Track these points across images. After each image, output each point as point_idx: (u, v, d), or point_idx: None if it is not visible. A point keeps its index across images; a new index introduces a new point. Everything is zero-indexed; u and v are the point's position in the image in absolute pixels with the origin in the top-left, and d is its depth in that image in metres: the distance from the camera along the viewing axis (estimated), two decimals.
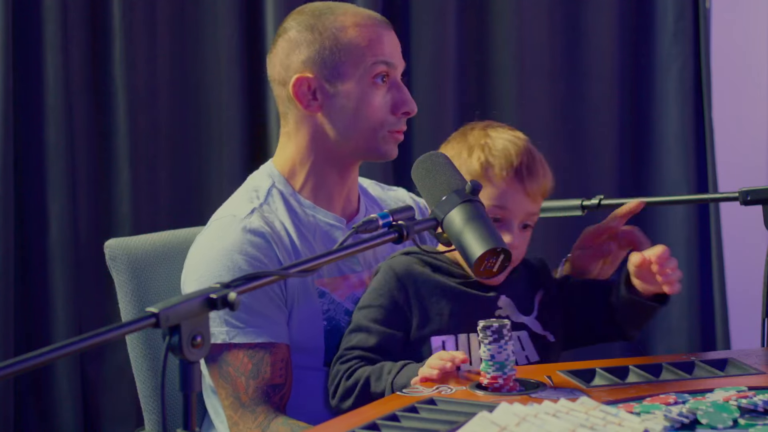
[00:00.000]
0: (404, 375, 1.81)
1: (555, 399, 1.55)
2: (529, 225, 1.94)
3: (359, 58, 1.99)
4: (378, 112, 2.01)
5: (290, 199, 2.04)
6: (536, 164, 1.93)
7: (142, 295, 2.13)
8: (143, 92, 3.06)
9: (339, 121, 2.01)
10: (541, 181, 1.93)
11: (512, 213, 1.90)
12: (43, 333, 2.99)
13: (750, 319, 2.73)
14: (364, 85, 2.00)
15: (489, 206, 1.87)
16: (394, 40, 2.05)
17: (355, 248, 1.60)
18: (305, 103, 2.01)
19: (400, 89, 2.04)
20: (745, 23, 3.66)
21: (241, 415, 1.92)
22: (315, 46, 2.00)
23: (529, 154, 1.93)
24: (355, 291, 2.05)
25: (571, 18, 3.44)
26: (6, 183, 2.91)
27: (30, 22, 2.95)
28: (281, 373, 1.94)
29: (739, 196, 2.13)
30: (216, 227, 2.01)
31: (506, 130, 1.97)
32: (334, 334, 2.00)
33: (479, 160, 1.91)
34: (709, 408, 1.54)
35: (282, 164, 2.08)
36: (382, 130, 2.02)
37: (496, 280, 1.94)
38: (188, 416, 1.32)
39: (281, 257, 1.97)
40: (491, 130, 1.97)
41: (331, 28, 2.00)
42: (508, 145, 1.92)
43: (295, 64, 2.01)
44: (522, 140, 1.95)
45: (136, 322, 1.29)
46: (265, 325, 1.94)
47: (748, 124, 3.66)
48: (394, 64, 2.03)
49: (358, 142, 2.02)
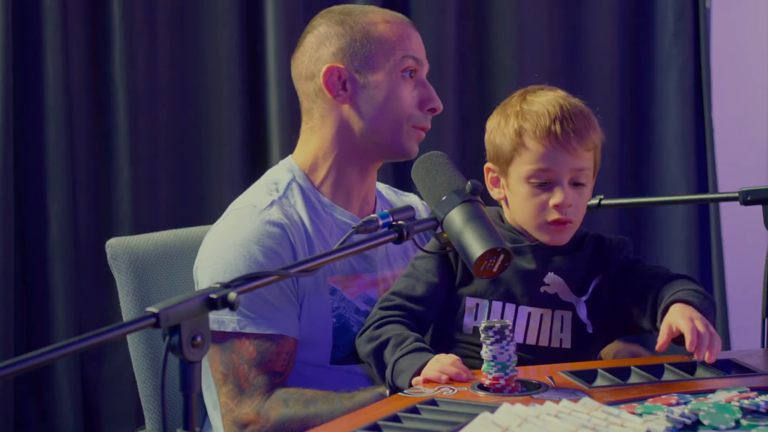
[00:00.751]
0: (407, 361, 1.81)
1: (557, 400, 1.55)
2: (581, 183, 1.91)
3: (389, 51, 2.04)
4: (406, 105, 2.05)
5: (309, 195, 2.06)
6: (576, 119, 1.90)
7: (144, 294, 2.13)
8: (143, 92, 3.05)
9: (367, 112, 2.04)
10: (583, 135, 1.89)
11: (556, 173, 1.89)
12: (43, 333, 2.99)
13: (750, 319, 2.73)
14: (394, 77, 2.05)
15: (533, 170, 1.89)
16: (420, 40, 2.11)
17: (355, 248, 1.60)
18: (335, 92, 2.05)
19: (427, 86, 2.09)
20: (745, 23, 3.66)
21: (239, 402, 1.94)
22: (346, 38, 2.04)
23: (567, 111, 1.90)
24: (367, 290, 2.06)
25: (571, 18, 3.44)
26: (6, 183, 2.90)
27: (30, 22, 2.95)
28: (283, 363, 1.96)
29: (739, 196, 2.13)
30: (234, 216, 2.02)
31: (546, 92, 1.95)
32: (343, 332, 2.01)
33: (513, 127, 1.92)
34: (711, 409, 1.53)
35: (303, 159, 2.10)
36: (407, 124, 2.06)
37: (560, 240, 1.93)
38: (188, 416, 1.32)
39: (298, 249, 1.98)
40: (530, 94, 1.96)
41: (362, 22, 2.05)
42: (542, 107, 1.91)
43: (326, 55, 2.05)
44: (560, 98, 1.93)
45: (136, 322, 1.29)
46: (276, 317, 1.94)
47: (748, 124, 3.66)
48: (422, 61, 2.08)
49: (383, 135, 2.05)
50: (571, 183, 1.90)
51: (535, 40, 3.39)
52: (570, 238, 1.95)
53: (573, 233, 1.95)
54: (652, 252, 3.50)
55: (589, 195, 1.96)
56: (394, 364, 1.82)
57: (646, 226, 3.53)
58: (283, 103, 3.09)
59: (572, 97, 1.95)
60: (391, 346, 1.86)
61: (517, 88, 3.30)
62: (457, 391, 1.71)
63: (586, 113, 1.93)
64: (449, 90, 3.29)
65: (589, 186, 1.94)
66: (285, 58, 3.08)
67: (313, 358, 2.00)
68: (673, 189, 3.45)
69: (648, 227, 3.53)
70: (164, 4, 3.08)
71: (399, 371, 1.81)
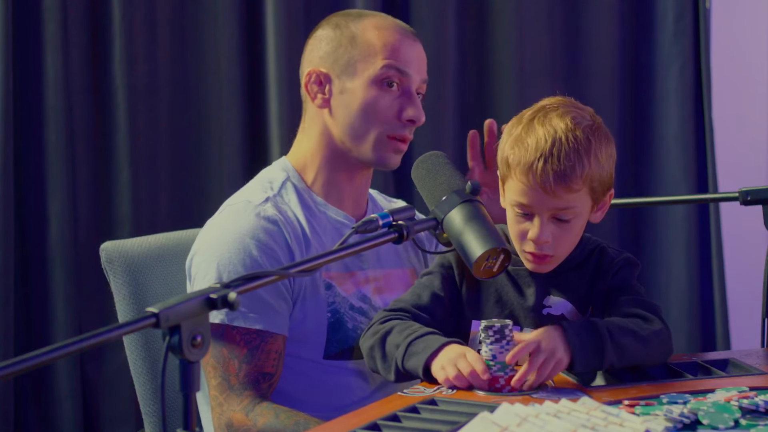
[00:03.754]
0: (423, 344, 1.79)
1: (556, 399, 1.55)
2: (566, 219, 1.82)
3: (371, 58, 2.01)
4: (381, 114, 2.02)
5: (303, 193, 2.07)
6: (566, 159, 1.78)
7: (139, 297, 2.13)
8: (143, 92, 3.05)
9: (342, 118, 2.03)
10: (567, 177, 1.78)
11: (534, 209, 1.82)
12: (43, 333, 2.99)
13: (750, 319, 2.73)
14: (371, 85, 2.01)
15: (514, 201, 1.82)
16: (415, 51, 2.05)
17: (355, 248, 1.60)
18: (313, 96, 2.05)
19: (410, 97, 2.04)
20: (745, 23, 3.66)
21: (227, 397, 1.93)
22: (333, 43, 2.04)
23: (558, 149, 1.79)
24: (361, 288, 2.06)
25: (571, 18, 3.44)
26: (6, 183, 2.90)
27: (30, 22, 2.95)
28: (273, 363, 1.95)
29: (739, 196, 2.13)
30: (230, 212, 2.02)
31: (553, 119, 1.83)
32: (337, 328, 2.01)
33: (503, 152, 1.85)
34: (711, 408, 1.54)
35: (296, 159, 2.10)
36: (382, 133, 2.02)
37: (541, 270, 1.87)
38: (188, 416, 1.32)
39: (293, 246, 1.98)
40: (539, 117, 1.84)
41: (353, 27, 2.04)
42: (536, 140, 1.80)
43: (314, 59, 2.06)
44: (561, 131, 1.81)
45: (136, 322, 1.29)
46: (267, 313, 1.94)
47: (748, 124, 3.66)
48: (408, 73, 2.03)
49: (357, 143, 2.03)
50: (551, 218, 1.83)
51: (535, 40, 3.39)
52: (553, 268, 1.88)
53: (556, 264, 1.87)
54: (652, 252, 3.50)
55: (579, 228, 1.85)
56: (407, 346, 1.79)
57: (646, 226, 3.53)
58: (283, 103, 3.09)
59: (579, 128, 1.82)
60: (397, 331, 1.84)
61: (517, 88, 3.36)
62: (457, 391, 1.71)
63: (582, 151, 1.80)
64: (449, 90, 3.29)
65: (578, 220, 1.84)
66: (285, 58, 3.09)
67: (306, 353, 2.01)
68: (673, 189, 3.45)
69: (648, 227, 3.53)
70: (164, 4, 3.08)
71: (413, 353, 1.78)
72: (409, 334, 1.82)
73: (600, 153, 1.83)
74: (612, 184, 1.89)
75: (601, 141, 1.84)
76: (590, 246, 1.92)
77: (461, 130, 3.31)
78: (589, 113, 1.88)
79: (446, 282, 1.94)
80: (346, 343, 2.01)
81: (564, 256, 1.87)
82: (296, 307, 1.99)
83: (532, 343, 1.70)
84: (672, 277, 3.46)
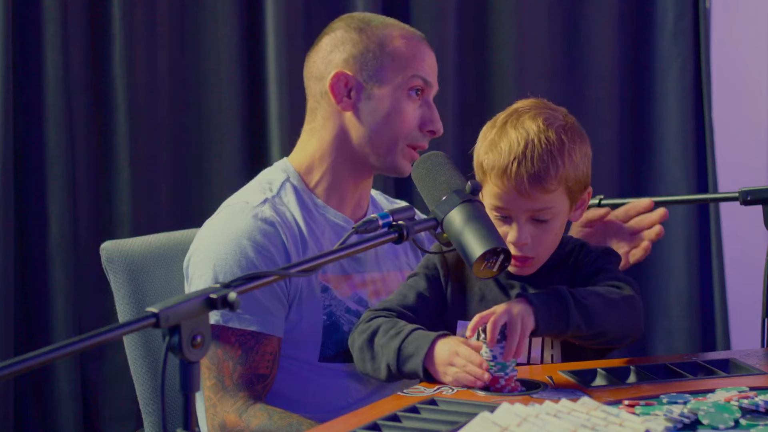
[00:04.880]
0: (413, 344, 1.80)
1: (556, 399, 1.55)
2: (543, 220, 1.85)
3: (401, 68, 2.04)
4: (407, 122, 2.05)
5: (303, 195, 2.07)
6: (540, 161, 1.82)
7: (139, 297, 2.13)
8: (143, 92, 3.05)
9: (367, 123, 2.05)
10: (542, 179, 1.82)
11: (511, 212, 1.86)
12: (43, 333, 2.99)
13: (750, 319, 2.73)
14: (400, 93, 2.04)
15: (492, 204, 1.86)
16: (433, 61, 2.10)
17: (355, 248, 1.60)
18: (339, 98, 2.05)
19: (432, 108, 2.08)
20: (745, 23, 3.66)
21: (221, 397, 1.94)
22: (360, 47, 2.04)
23: (531, 151, 1.82)
24: (358, 291, 2.06)
25: (571, 18, 3.44)
26: (6, 183, 2.90)
27: (30, 22, 2.95)
28: (268, 365, 1.96)
29: (739, 196, 2.13)
30: (227, 213, 2.03)
31: (526, 121, 1.86)
32: (333, 330, 2.01)
33: (478, 156, 1.90)
34: (711, 408, 1.54)
35: (299, 160, 2.10)
36: (404, 141, 2.05)
37: (523, 272, 1.90)
38: (188, 416, 1.32)
39: (290, 248, 1.98)
40: (511, 121, 1.87)
41: (379, 34, 2.05)
42: (508, 143, 1.84)
43: (337, 60, 2.05)
44: (534, 133, 1.84)
45: (136, 322, 1.29)
46: (262, 314, 1.95)
47: (748, 124, 3.66)
48: (431, 82, 2.08)
49: (378, 149, 2.05)
50: (529, 220, 1.86)
51: (535, 40, 3.39)
52: (536, 269, 1.90)
53: (538, 266, 1.90)
54: (651, 252, 3.47)
55: (558, 227, 1.88)
56: (398, 351, 1.80)
57: None
58: (283, 103, 3.09)
59: (552, 129, 1.85)
60: (383, 331, 1.86)
61: (517, 87, 3.35)
62: (457, 391, 1.71)
63: (556, 152, 1.83)
64: (449, 90, 3.29)
65: (557, 220, 1.87)
66: (285, 58, 3.09)
67: (302, 356, 2.01)
68: (673, 189, 3.45)
69: None
70: (164, 4, 3.08)
71: (407, 356, 1.80)
72: (395, 334, 1.83)
73: (574, 152, 1.87)
74: (589, 182, 1.93)
75: (575, 140, 1.88)
76: (570, 245, 1.96)
77: (461, 130, 3.31)
78: (561, 113, 1.92)
79: (431, 283, 1.96)
80: (342, 345, 2.01)
81: (545, 257, 1.91)
82: (292, 309, 1.99)
83: (502, 314, 1.70)
84: (672, 277, 3.46)
